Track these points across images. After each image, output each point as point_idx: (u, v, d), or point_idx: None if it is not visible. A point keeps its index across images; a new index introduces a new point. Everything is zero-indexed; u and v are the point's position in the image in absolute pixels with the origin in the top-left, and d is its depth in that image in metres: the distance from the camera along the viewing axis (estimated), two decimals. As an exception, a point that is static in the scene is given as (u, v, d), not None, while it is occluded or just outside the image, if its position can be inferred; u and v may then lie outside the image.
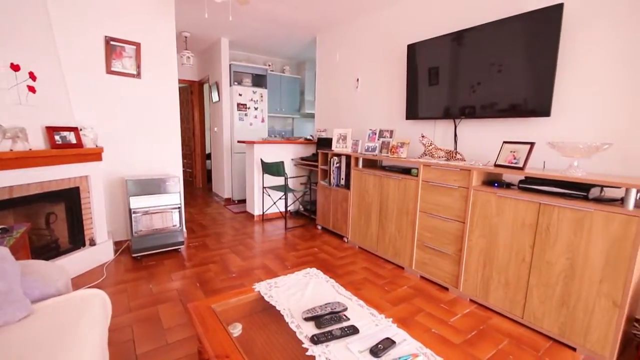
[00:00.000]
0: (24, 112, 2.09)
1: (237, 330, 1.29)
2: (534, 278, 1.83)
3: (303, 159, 4.22)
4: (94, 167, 2.58)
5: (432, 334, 1.81)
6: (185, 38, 4.67)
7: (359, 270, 2.63)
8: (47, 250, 2.31)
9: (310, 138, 4.52)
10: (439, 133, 2.93)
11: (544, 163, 2.17)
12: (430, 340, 1.75)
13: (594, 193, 1.67)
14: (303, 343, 1.14)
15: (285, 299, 1.43)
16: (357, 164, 3.14)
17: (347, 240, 3.31)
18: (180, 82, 5.56)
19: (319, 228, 3.76)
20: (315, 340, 1.13)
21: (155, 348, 1.64)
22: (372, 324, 1.26)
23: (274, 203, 4.06)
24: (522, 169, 1.90)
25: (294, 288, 1.54)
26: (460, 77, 2.61)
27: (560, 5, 1.98)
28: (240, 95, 5.04)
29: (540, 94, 2.12)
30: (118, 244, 3.00)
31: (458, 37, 2.59)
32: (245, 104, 5.11)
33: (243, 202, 4.94)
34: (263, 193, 4.07)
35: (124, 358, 1.56)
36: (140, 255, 2.78)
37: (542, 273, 1.80)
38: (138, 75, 3.01)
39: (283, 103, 5.84)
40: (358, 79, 3.84)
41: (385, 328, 1.23)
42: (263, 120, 5.34)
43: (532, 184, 1.88)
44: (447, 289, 2.33)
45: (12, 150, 1.93)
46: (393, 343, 1.13)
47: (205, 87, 5.95)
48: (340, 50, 4.10)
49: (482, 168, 2.09)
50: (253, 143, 3.96)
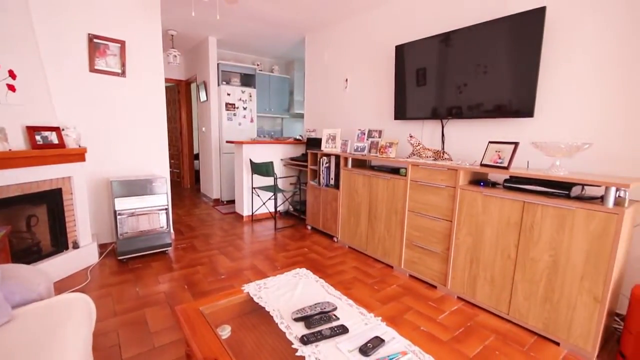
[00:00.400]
0: (3, 111, 2.02)
1: (225, 332, 1.28)
2: (519, 275, 1.87)
3: (292, 159, 4.21)
4: (77, 167, 2.52)
5: (420, 332, 1.83)
6: (172, 36, 4.60)
7: (349, 270, 2.65)
8: (28, 254, 2.25)
9: (300, 138, 4.52)
10: (427, 133, 2.97)
11: (528, 162, 2.22)
12: (419, 338, 1.77)
13: (576, 191, 1.72)
14: (293, 343, 1.14)
15: (275, 300, 1.42)
16: (346, 164, 3.15)
17: (336, 240, 3.31)
18: (167, 81, 5.47)
19: (309, 228, 3.76)
20: (305, 341, 1.13)
21: (142, 352, 1.61)
22: (361, 323, 1.26)
23: (264, 203, 4.04)
24: (506, 169, 1.94)
25: (284, 289, 1.53)
26: (448, 78, 2.65)
27: (543, 9, 2.03)
28: (229, 95, 4.99)
29: (524, 95, 2.18)
30: (103, 247, 2.93)
31: (445, 38, 2.63)
32: (234, 104, 5.06)
33: (232, 202, 4.90)
34: (252, 193, 4.04)
35: (110, 363, 1.53)
36: (126, 258, 2.73)
37: (526, 270, 1.84)
38: (123, 74, 2.95)
39: (272, 103, 5.81)
40: (347, 79, 3.86)
41: (375, 327, 1.24)
42: (252, 120, 5.30)
43: (516, 183, 1.92)
44: (435, 287, 2.37)
45: (-10, 151, 1.87)
46: (382, 341, 1.13)
47: (193, 86, 5.87)
48: (329, 51, 4.11)
49: (468, 167, 2.12)
50: (242, 143, 3.93)
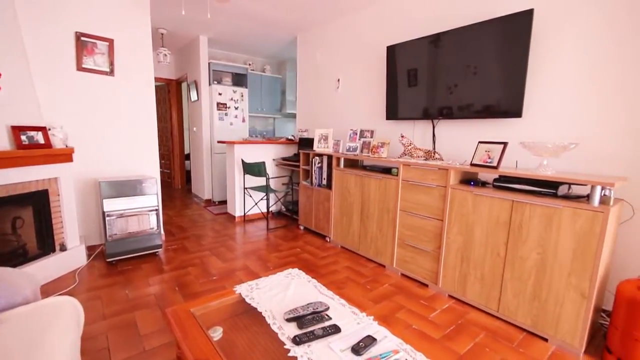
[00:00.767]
0: (-14, 110, 1.98)
1: (217, 334, 1.27)
2: (508, 273, 1.90)
3: (285, 159, 4.20)
4: (64, 168, 2.47)
5: (412, 330, 1.85)
6: (162, 35, 4.54)
7: (341, 270, 2.65)
8: (13, 257, 2.19)
9: (292, 138, 4.50)
10: (418, 133, 2.99)
11: (517, 162, 2.26)
12: (411, 336, 1.79)
13: (563, 190, 1.76)
14: (285, 344, 1.14)
15: (267, 300, 1.42)
16: (338, 164, 3.16)
17: (329, 240, 3.32)
18: (157, 80, 5.39)
19: (301, 228, 3.76)
20: (297, 341, 1.13)
21: (132, 355, 1.58)
22: (353, 323, 1.27)
23: (256, 204, 4.02)
24: (496, 168, 1.97)
25: (276, 289, 1.53)
26: (438, 78, 2.68)
27: (531, 11, 2.07)
28: (220, 95, 4.95)
29: (513, 96, 2.21)
30: (91, 249, 2.87)
31: (435, 39, 2.65)
32: (225, 104, 5.02)
33: (224, 203, 4.86)
34: (244, 194, 4.02)
35: (99, 367, 1.51)
36: (115, 260, 2.68)
37: (515, 268, 1.87)
38: (111, 73, 2.90)
39: (264, 103, 5.78)
40: (339, 80, 3.86)
41: (367, 326, 1.25)
42: (244, 120, 5.27)
43: (505, 183, 1.95)
44: (426, 286, 2.39)
45: (-28, 151, 1.82)
46: (374, 340, 1.14)
47: (184, 85, 5.81)
48: (321, 51, 4.11)
49: (459, 167, 2.15)
50: (233, 143, 3.91)
